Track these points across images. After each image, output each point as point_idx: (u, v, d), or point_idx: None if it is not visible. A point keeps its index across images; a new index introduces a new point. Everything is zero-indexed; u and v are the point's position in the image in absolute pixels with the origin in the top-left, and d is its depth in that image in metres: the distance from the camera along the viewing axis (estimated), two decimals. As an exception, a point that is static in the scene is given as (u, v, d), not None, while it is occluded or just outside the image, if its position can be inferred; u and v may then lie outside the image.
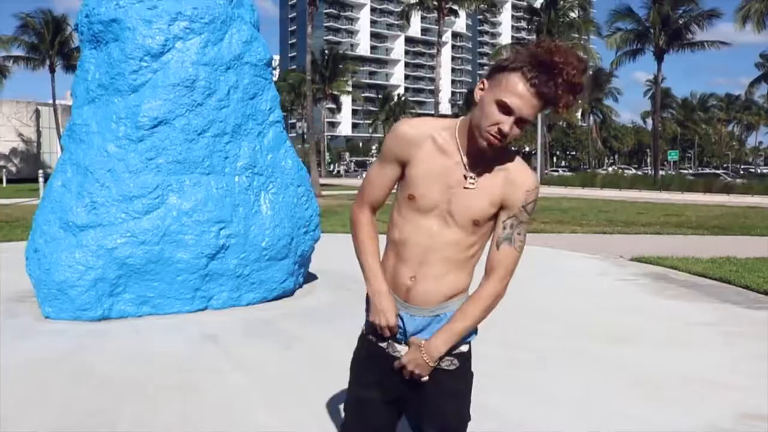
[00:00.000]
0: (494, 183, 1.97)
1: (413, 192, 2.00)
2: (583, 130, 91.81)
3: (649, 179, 41.83)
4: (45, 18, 45.12)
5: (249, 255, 6.57)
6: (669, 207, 23.54)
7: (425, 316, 2.05)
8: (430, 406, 2.07)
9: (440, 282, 2.03)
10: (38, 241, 6.19)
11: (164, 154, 6.22)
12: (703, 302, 7.09)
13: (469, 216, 1.98)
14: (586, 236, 13.87)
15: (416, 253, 2.02)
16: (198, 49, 6.39)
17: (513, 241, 2.02)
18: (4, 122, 47.71)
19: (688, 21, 39.33)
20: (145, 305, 6.19)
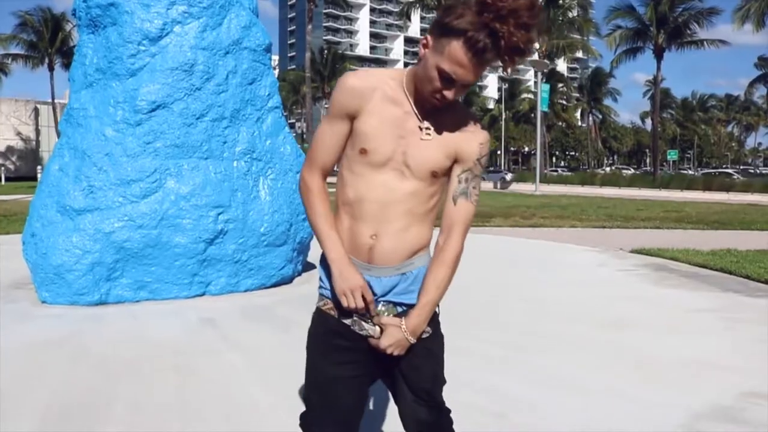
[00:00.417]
0: (448, 134, 1.92)
1: (365, 146, 1.91)
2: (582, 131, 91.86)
3: (648, 178, 41.81)
4: (44, 16, 45.09)
5: (247, 240, 6.53)
6: (668, 204, 23.53)
7: (391, 275, 1.96)
8: (406, 369, 2.01)
9: (403, 237, 1.95)
10: (35, 225, 6.15)
11: (162, 138, 6.18)
12: (704, 291, 7.05)
13: (427, 168, 1.91)
14: (586, 230, 13.84)
15: (374, 210, 1.93)
16: (196, 34, 6.36)
17: (469, 196, 1.98)
18: (2, 121, 47.66)
19: (687, 19, 39.32)
20: (143, 290, 6.14)
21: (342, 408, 2.01)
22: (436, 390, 2.04)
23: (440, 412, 2.06)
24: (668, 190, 33.12)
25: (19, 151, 48.57)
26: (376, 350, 1.97)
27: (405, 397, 2.04)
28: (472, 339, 4.96)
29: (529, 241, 11.68)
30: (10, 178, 44.76)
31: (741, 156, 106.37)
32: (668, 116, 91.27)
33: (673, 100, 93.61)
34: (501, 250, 10.21)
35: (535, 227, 14.42)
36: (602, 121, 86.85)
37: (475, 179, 1.98)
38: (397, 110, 1.91)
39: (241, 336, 5.12)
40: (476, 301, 6.40)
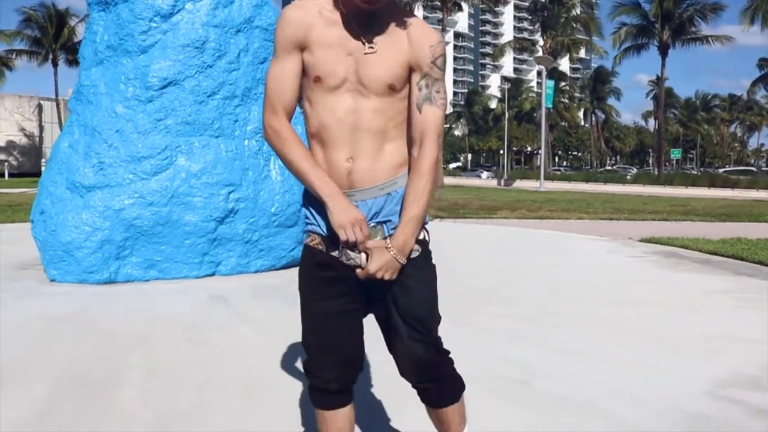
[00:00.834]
0: (396, 44, 1.88)
1: (317, 73, 1.88)
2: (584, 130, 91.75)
3: (652, 175, 41.73)
4: (48, 12, 45.03)
5: (258, 220, 6.48)
6: (674, 199, 23.48)
7: (376, 196, 1.91)
8: (397, 291, 1.93)
9: (379, 155, 1.91)
10: (44, 202, 6.10)
11: (173, 115, 6.13)
12: (717, 275, 6.99)
13: (382, 81, 1.87)
14: (593, 222, 13.77)
15: (344, 134, 1.89)
16: (208, 11, 6.31)
17: (434, 100, 1.91)
18: (6, 117, 47.63)
19: (692, 14, 39.28)
20: (152, 269, 6.09)
21: (339, 345, 1.98)
22: (430, 321, 1.97)
23: (438, 351, 1.98)
24: (672, 186, 33.04)
25: (22, 147, 48.55)
26: (368, 280, 1.90)
27: (399, 332, 1.96)
28: (484, 315, 4.91)
29: (537, 231, 11.62)
30: (13, 174, 44.75)
31: (744, 156, 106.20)
32: (671, 116, 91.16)
33: (677, 100, 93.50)
34: (509, 240, 10.15)
35: (542, 219, 14.36)
36: (605, 121, 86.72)
37: (437, 83, 1.92)
38: (338, 30, 1.88)
39: (253, 312, 5.07)
40: (485, 284, 6.35)
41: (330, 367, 1.99)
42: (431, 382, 1.99)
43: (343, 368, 2.00)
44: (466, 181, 45.24)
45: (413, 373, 1.98)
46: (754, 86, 62.18)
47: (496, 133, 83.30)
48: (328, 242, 1.94)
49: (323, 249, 1.96)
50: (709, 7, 39.06)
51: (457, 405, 2.04)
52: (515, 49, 54.34)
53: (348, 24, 1.88)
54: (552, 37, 45.34)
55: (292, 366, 3.70)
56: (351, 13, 1.87)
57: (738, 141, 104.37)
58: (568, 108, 74.86)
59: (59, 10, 45.92)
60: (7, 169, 44.62)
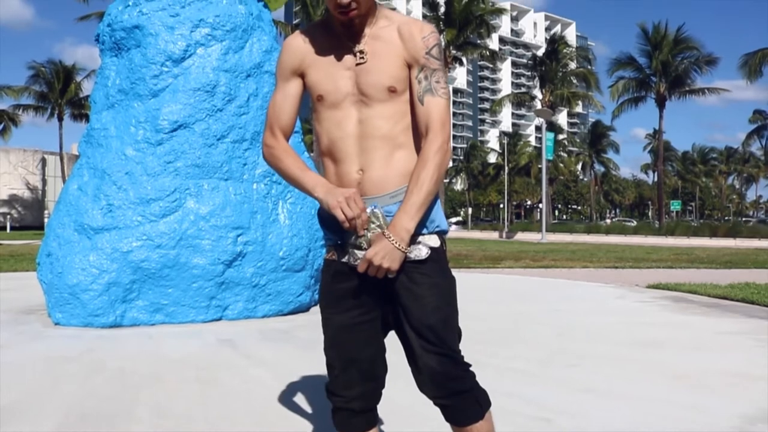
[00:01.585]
0: (388, 45, 1.90)
1: (319, 92, 1.94)
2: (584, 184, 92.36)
3: (653, 226, 41.81)
4: (56, 68, 45.95)
5: (266, 264, 6.43)
6: (677, 249, 23.44)
7: (388, 204, 1.88)
8: (408, 300, 1.87)
9: (389, 163, 1.90)
10: (51, 244, 6.07)
11: (183, 158, 6.16)
12: (729, 318, 6.90)
13: (381, 85, 1.88)
14: (598, 270, 13.71)
15: (351, 146, 1.91)
16: (219, 56, 6.41)
17: (435, 91, 1.90)
18: (10, 170, 48.01)
19: (687, 67, 40.06)
20: (159, 313, 6.02)
21: (357, 357, 1.94)
22: (444, 331, 1.88)
23: (455, 364, 1.88)
24: (674, 237, 33.02)
25: (25, 200, 48.78)
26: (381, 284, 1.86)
27: (412, 344, 1.89)
28: (499, 357, 4.82)
29: (543, 279, 11.55)
30: (15, 227, 44.80)
31: (742, 208, 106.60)
32: (669, 169, 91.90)
33: (674, 153, 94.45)
34: (515, 287, 10.08)
35: (546, 268, 14.29)
36: (604, 174, 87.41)
37: (435, 73, 1.91)
38: (331, 48, 1.94)
39: (262, 354, 4.98)
40: (497, 327, 6.27)
41: (351, 384, 1.95)
42: (450, 397, 1.89)
43: (364, 383, 1.96)
44: (467, 234, 45.30)
45: (429, 387, 1.91)
46: (749, 138, 62.91)
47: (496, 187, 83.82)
48: (340, 250, 1.94)
49: (336, 258, 1.96)
50: (704, 59, 39.91)
51: (483, 423, 1.91)
52: (513, 104, 55.14)
53: (338, 39, 1.93)
54: (550, 91, 46.11)
55: (305, 404, 3.61)
56: (338, 28, 1.92)
57: (736, 193, 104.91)
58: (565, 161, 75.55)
59: (66, 66, 46.84)
60: (9, 222, 44.69)
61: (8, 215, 45.95)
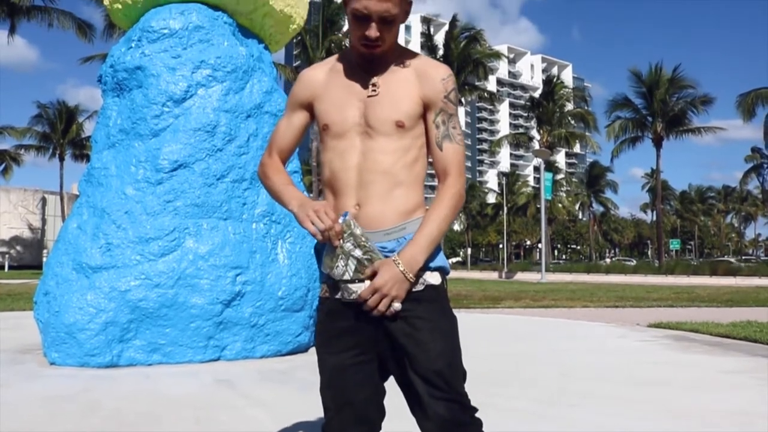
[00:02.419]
0: (403, 82, 1.89)
1: (325, 121, 1.92)
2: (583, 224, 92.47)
3: (653, 265, 41.73)
4: (59, 108, 46.47)
5: (265, 304, 6.39)
6: (677, 287, 23.34)
7: (382, 241, 1.83)
8: (411, 347, 1.81)
9: (387, 200, 1.86)
10: (49, 283, 6.05)
11: (183, 197, 6.18)
12: (732, 356, 6.84)
13: (389, 118, 1.86)
14: (599, 309, 13.63)
15: (351, 179, 1.87)
16: (220, 96, 6.48)
17: (453, 138, 1.91)
18: (10, 209, 48.11)
19: (684, 107, 40.51)
20: (156, 353, 5.96)
21: (352, 400, 1.87)
22: (451, 375, 1.81)
23: (463, 409, 1.81)
24: (674, 276, 32.93)
25: (24, 239, 48.75)
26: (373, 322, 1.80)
27: (417, 391, 1.81)
28: (502, 397, 4.76)
29: (543, 318, 11.47)
30: (13, 267, 44.66)
31: (742, 246, 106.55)
32: (668, 208, 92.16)
33: (671, 192, 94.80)
34: (516, 327, 10.00)
35: (547, 308, 14.20)
36: (603, 214, 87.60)
37: (452, 119, 1.91)
38: (343, 79, 1.94)
39: (261, 394, 4.92)
40: (499, 367, 6.20)
41: (345, 426, 1.89)
42: None
43: (358, 426, 1.89)
44: (467, 274, 45.16)
45: None
46: (746, 177, 63.18)
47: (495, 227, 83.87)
48: (333, 286, 1.89)
49: (329, 295, 1.91)
50: (699, 100, 40.38)
51: None
52: (512, 144, 55.62)
53: (353, 71, 1.93)
54: (548, 131, 46.51)
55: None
56: (356, 60, 1.92)
57: (735, 231, 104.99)
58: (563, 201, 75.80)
59: (69, 106, 47.37)
60: (7, 262, 44.58)
61: (7, 254, 45.87)
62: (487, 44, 42.53)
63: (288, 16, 7.60)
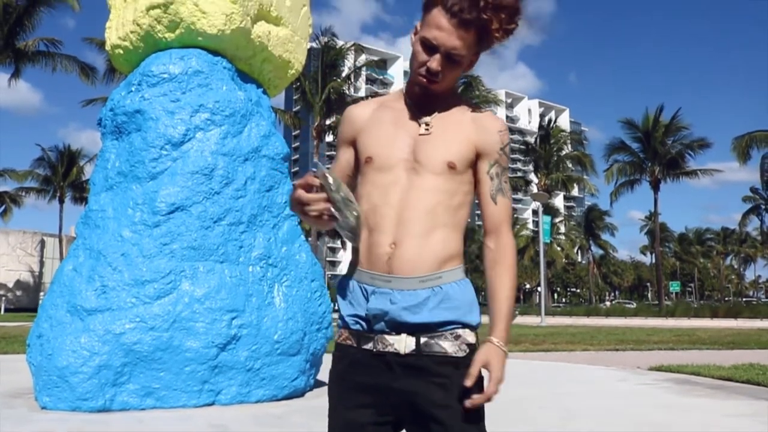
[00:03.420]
0: (459, 126, 1.83)
1: (369, 153, 1.83)
2: (582, 267, 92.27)
3: (653, 308, 41.49)
4: (61, 152, 46.86)
5: (261, 347, 6.33)
6: (678, 330, 23.15)
7: (417, 288, 1.72)
8: (448, 420, 1.68)
9: (426, 243, 1.74)
10: (43, 326, 5.99)
11: (179, 240, 6.17)
12: (734, 400, 6.74)
13: (441, 159, 1.79)
14: (599, 353, 13.49)
15: (391, 215, 1.76)
16: (218, 140, 6.53)
17: (505, 192, 1.87)
18: (8, 252, 47.95)
19: (680, 150, 40.86)
20: (150, 397, 5.86)
21: None
22: None
23: None
24: (675, 318, 32.71)
25: (22, 282, 48.50)
26: (406, 388, 1.69)
27: None
28: (500, 440, 4.67)
29: (543, 362, 11.35)
30: (10, 309, 44.33)
31: (742, 288, 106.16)
32: (667, 250, 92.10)
33: (670, 234, 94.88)
34: (515, 371, 9.84)
35: (546, 351, 14.06)
36: (602, 257, 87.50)
37: (505, 172, 1.87)
38: (394, 113, 1.87)
39: (255, 440, 4.83)
40: (498, 411, 6.08)
41: None
42: None
43: None
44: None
45: None
46: (745, 218, 63.29)
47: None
48: (360, 335, 1.77)
49: (354, 343, 1.79)
50: (696, 143, 40.77)
51: None
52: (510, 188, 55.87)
53: (405, 109, 1.87)
54: (545, 175, 46.78)
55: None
56: (410, 95, 1.87)
57: (735, 273, 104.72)
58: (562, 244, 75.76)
59: (71, 150, 47.80)
60: (3, 304, 44.27)
61: (4, 297, 45.58)
62: (484, 89, 43.05)
63: (286, 61, 7.72)
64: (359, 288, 1.80)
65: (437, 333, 1.74)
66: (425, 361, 1.72)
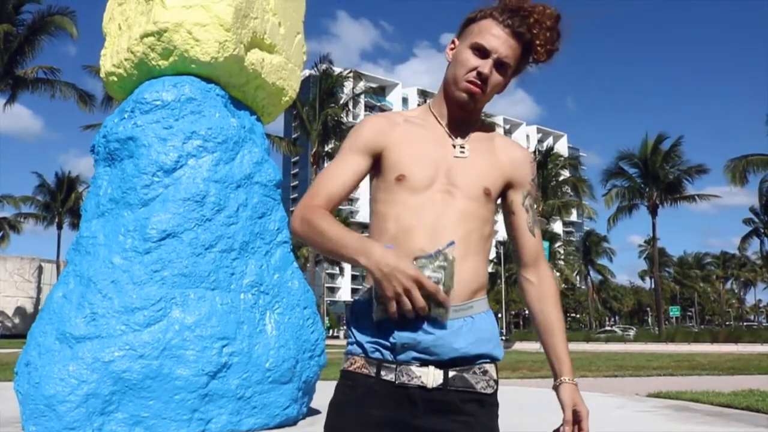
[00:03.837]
0: (490, 154, 1.80)
1: (402, 171, 1.71)
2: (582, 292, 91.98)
3: (653, 333, 41.29)
4: (60, 178, 47.01)
5: (252, 375, 6.26)
6: (678, 355, 23.01)
7: (451, 318, 1.60)
8: None
9: (460, 269, 1.61)
10: (31, 353, 5.92)
11: (170, 267, 6.13)
12: (734, 427, 6.66)
13: (479, 184, 1.73)
14: (597, 379, 13.36)
15: (425, 238, 1.64)
16: (210, 167, 6.53)
17: (539, 224, 1.89)
18: (6, 278, 47.86)
19: (678, 176, 40.96)
20: (138, 426, 5.77)
21: None
22: None
23: None
24: (674, 343, 32.52)
25: (19, 308, 48.31)
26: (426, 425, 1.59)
27: None
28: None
29: (540, 389, 11.22)
30: (6, 336, 44.06)
31: (743, 313, 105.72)
32: (666, 274, 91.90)
33: (669, 259, 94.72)
34: (512, 398, 9.76)
35: (544, 378, 13.93)
36: (601, 282, 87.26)
37: (535, 204, 1.88)
38: (428, 132, 1.79)
39: (243, 471, 4.74)
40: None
41: None
42: None
43: None
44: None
45: None
46: (744, 242, 63.14)
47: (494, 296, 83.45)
48: (381, 364, 1.62)
49: (371, 372, 1.63)
50: (694, 169, 40.89)
51: None
52: (508, 213, 55.95)
53: (436, 129, 1.81)
54: (543, 201, 46.86)
55: None
56: (443, 116, 1.82)
57: (736, 297, 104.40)
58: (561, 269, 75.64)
59: (71, 176, 47.96)
60: (1, 330, 44.03)
61: (0, 323, 45.37)
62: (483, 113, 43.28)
63: (280, 88, 7.75)
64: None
65: (466, 367, 1.65)
66: (452, 397, 1.61)
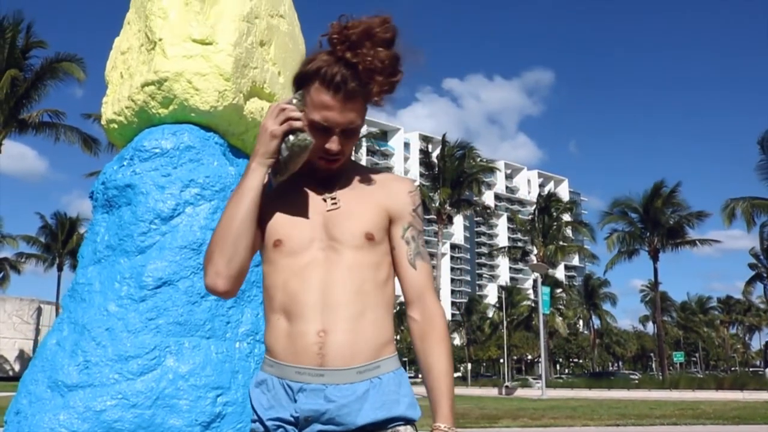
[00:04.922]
0: (367, 194, 1.76)
1: (278, 237, 1.75)
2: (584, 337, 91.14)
3: (657, 379, 40.80)
4: (61, 220, 47.22)
5: (246, 426, 6.17)
6: (682, 403, 22.67)
7: (354, 381, 1.61)
8: None
9: (360, 327, 1.65)
10: (22, 402, 5.86)
11: (165, 315, 6.11)
12: (735, 483, 6.52)
13: (359, 231, 1.71)
14: (599, 428, 13.16)
15: (315, 300, 1.66)
16: (207, 215, 6.56)
17: (424, 256, 1.78)
18: (5, 319, 47.57)
19: (679, 221, 41.02)
20: (128, 479, 5.68)
21: None
22: None
23: None
24: (678, 390, 32.06)
25: (17, 351, 47.89)
26: None
27: None
28: None
29: (540, 438, 11.05)
30: (3, 378, 43.58)
31: (748, 358, 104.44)
32: (669, 319, 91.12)
33: (672, 304, 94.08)
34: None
35: (545, 427, 13.73)
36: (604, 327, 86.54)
37: (420, 235, 1.77)
38: (297, 196, 1.78)
39: None
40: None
41: None
42: None
43: None
44: (466, 390, 44.10)
45: None
46: (748, 286, 62.78)
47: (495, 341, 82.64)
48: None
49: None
50: (695, 214, 41.00)
51: None
52: (510, 259, 56.13)
53: (303, 184, 1.79)
54: (544, 245, 46.86)
55: None
56: (310, 173, 1.80)
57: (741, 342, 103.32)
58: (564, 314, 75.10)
59: (72, 218, 48.22)
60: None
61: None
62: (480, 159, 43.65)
63: (279, 136, 7.83)
64: (281, 386, 1.67)
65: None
66: None
